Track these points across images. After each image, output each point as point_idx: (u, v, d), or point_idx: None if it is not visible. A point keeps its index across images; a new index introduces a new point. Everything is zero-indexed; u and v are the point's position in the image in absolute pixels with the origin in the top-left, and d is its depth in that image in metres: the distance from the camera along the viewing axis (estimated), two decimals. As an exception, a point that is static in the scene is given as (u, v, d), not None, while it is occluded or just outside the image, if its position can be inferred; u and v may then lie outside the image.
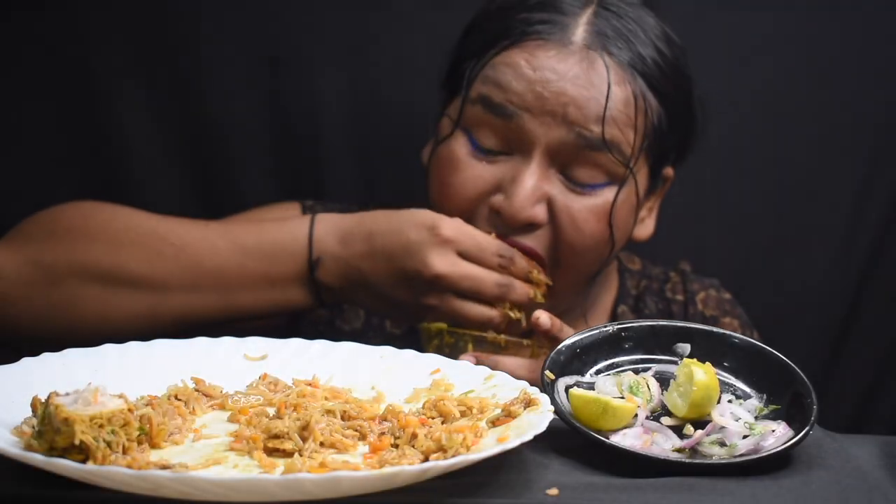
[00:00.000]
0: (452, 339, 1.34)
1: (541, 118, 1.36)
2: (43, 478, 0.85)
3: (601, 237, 1.40)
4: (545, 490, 0.90)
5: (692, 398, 1.03)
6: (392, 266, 1.31)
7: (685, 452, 1.00)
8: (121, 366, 1.09)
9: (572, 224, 1.38)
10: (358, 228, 1.33)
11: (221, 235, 1.36)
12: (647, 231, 1.53)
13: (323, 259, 1.33)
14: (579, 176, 1.38)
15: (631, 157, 1.39)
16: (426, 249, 1.29)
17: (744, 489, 0.92)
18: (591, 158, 1.37)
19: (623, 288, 1.60)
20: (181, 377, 1.08)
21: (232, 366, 1.13)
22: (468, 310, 1.32)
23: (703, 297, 1.62)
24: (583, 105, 1.36)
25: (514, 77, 1.38)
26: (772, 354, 1.09)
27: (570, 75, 1.37)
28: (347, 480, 0.83)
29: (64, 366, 1.05)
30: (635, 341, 1.13)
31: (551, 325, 1.23)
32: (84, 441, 0.87)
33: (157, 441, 0.95)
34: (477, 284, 1.31)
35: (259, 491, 0.82)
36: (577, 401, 1.02)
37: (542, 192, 1.38)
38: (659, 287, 1.62)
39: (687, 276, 1.64)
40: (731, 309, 1.62)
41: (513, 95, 1.38)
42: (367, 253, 1.32)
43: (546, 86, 1.37)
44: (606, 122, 1.36)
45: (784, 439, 0.99)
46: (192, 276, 1.34)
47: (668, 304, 1.61)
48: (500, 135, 1.39)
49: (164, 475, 0.80)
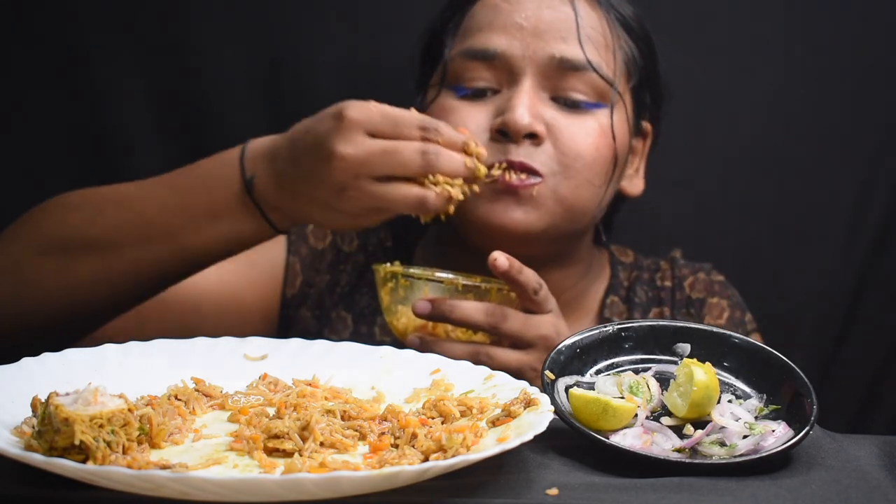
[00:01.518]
0: (407, 282, 1.28)
1: (523, 46, 1.42)
2: (43, 478, 0.85)
3: (602, 153, 1.43)
4: (545, 490, 0.90)
5: (692, 398, 1.03)
6: (308, 165, 1.23)
7: (685, 452, 1.00)
8: (121, 366, 1.09)
9: (572, 139, 1.41)
10: (283, 139, 1.28)
11: (158, 181, 1.33)
12: (637, 188, 1.57)
13: (256, 177, 1.27)
14: (569, 97, 1.42)
15: (614, 77, 1.44)
16: (331, 136, 1.21)
17: (744, 489, 0.92)
18: (578, 80, 1.42)
19: (615, 279, 1.61)
20: (181, 377, 1.08)
21: (232, 366, 1.13)
22: (389, 191, 1.21)
23: (692, 281, 1.63)
24: (560, 28, 1.43)
25: (492, 15, 1.45)
26: (772, 354, 1.09)
27: (545, 4, 1.44)
28: (347, 480, 0.83)
29: (64, 366, 1.05)
30: (635, 341, 1.13)
31: (509, 267, 1.23)
32: (84, 441, 0.87)
33: (158, 441, 0.95)
34: (391, 158, 1.20)
35: (259, 491, 0.82)
36: (577, 401, 1.02)
37: (538, 110, 1.40)
38: (650, 276, 1.63)
39: (676, 262, 1.65)
40: (720, 290, 1.62)
41: (493, 34, 1.43)
42: (290, 159, 1.25)
43: (523, 14, 1.43)
44: (584, 43, 1.42)
45: (784, 439, 0.99)
46: (136, 228, 1.30)
47: (658, 293, 1.62)
48: (487, 75, 1.43)
49: (164, 475, 0.80)
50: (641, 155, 1.57)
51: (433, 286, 1.28)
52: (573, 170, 1.41)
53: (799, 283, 1.83)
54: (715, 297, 1.62)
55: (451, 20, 1.50)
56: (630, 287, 1.61)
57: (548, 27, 1.42)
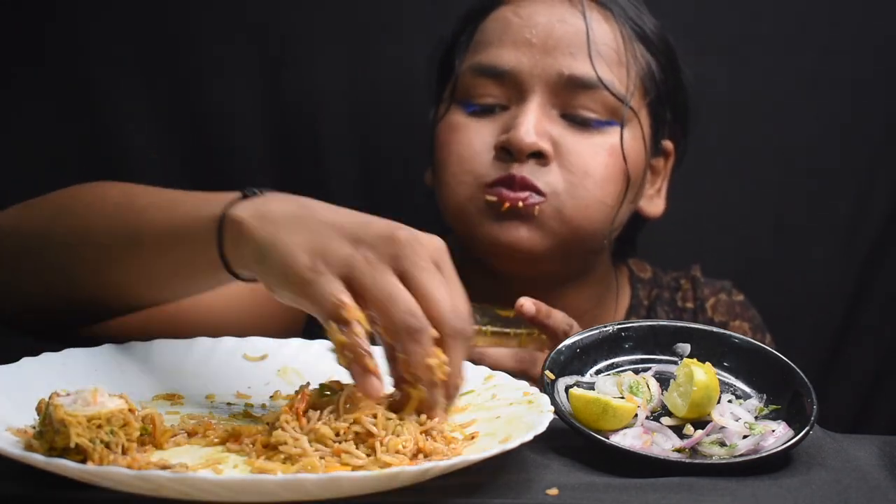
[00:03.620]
0: None
1: (531, 63, 1.39)
2: (43, 478, 0.85)
3: (612, 171, 1.39)
4: (545, 490, 0.90)
5: (692, 398, 1.03)
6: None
7: (685, 452, 1.00)
8: (121, 366, 1.09)
9: (580, 158, 1.38)
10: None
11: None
12: (657, 209, 1.53)
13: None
14: (579, 114, 1.39)
15: (627, 94, 1.41)
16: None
17: (744, 489, 0.92)
18: (588, 97, 1.39)
19: (635, 299, 1.59)
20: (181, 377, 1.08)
21: (232, 366, 1.13)
22: (324, 292, 0.96)
23: (713, 302, 1.61)
24: (570, 43, 1.39)
25: (502, 29, 1.42)
26: (772, 354, 1.09)
27: (556, 18, 1.41)
28: (347, 480, 0.83)
29: (64, 366, 1.05)
30: (635, 341, 1.13)
31: (537, 312, 1.21)
32: (80, 443, 0.86)
33: (161, 441, 0.95)
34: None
35: (259, 491, 0.82)
36: (577, 401, 1.02)
37: (545, 128, 1.38)
38: (671, 296, 1.61)
39: (697, 282, 1.62)
40: (741, 311, 1.61)
41: (503, 49, 1.41)
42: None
43: (533, 30, 1.40)
44: (595, 59, 1.39)
45: (784, 439, 0.99)
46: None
47: (680, 314, 1.59)
48: (496, 91, 1.41)
49: (164, 475, 0.80)
50: (664, 174, 1.53)
51: None
52: (581, 188, 1.38)
53: (799, 283, 1.83)
54: (737, 319, 1.60)
55: (462, 34, 1.48)
56: (650, 307, 1.59)
57: (557, 43, 1.39)
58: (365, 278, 0.96)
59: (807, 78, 1.81)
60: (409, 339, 0.94)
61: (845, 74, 1.81)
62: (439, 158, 1.43)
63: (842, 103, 1.81)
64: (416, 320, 0.94)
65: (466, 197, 1.40)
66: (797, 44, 1.81)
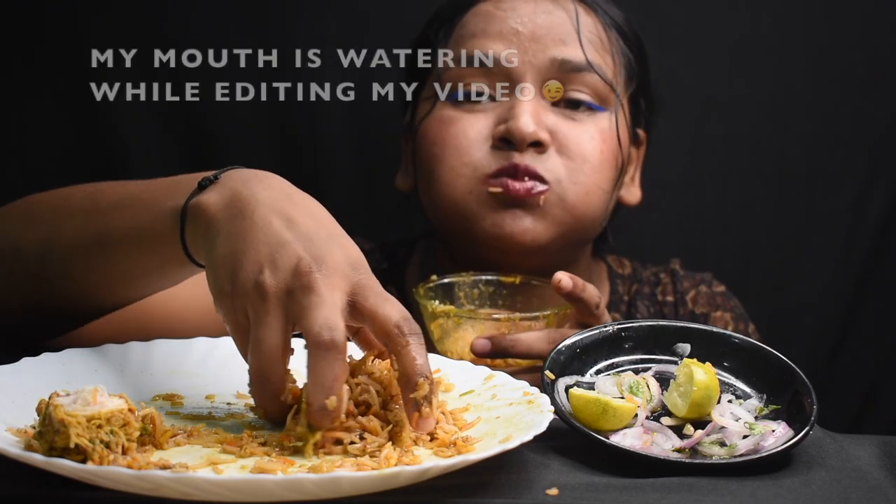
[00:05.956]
0: (460, 320, 1.24)
1: (521, 51, 1.41)
2: (43, 478, 0.85)
3: (607, 157, 1.41)
4: (545, 490, 0.90)
5: (692, 398, 1.03)
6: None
7: (685, 452, 1.00)
8: (121, 366, 1.09)
9: (577, 144, 1.40)
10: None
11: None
12: (634, 197, 1.54)
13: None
14: (571, 97, 1.41)
15: (614, 78, 1.43)
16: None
17: (744, 489, 0.92)
18: (579, 82, 1.41)
19: (614, 294, 1.59)
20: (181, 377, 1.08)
21: (232, 366, 1.13)
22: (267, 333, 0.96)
23: (693, 294, 1.61)
24: (558, 31, 1.41)
25: (486, 22, 1.43)
26: (772, 354, 1.09)
27: (541, 9, 1.42)
28: (347, 480, 0.83)
29: (64, 366, 1.05)
30: (635, 341, 1.13)
31: (573, 286, 1.19)
32: (80, 443, 0.86)
33: (162, 441, 0.95)
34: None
35: (259, 491, 0.82)
36: (577, 401, 1.02)
37: (541, 118, 1.39)
38: (650, 290, 1.61)
39: (677, 275, 1.62)
40: (723, 302, 1.61)
41: (488, 40, 1.41)
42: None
43: (520, 20, 1.42)
44: (584, 44, 1.41)
45: (784, 439, 0.99)
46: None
47: (661, 308, 1.60)
48: (484, 82, 1.42)
49: (164, 475, 0.80)
50: (637, 163, 1.55)
51: (488, 324, 1.23)
52: (580, 175, 1.39)
53: (799, 283, 1.83)
54: (718, 310, 1.60)
55: (440, 31, 1.48)
56: (630, 302, 1.59)
57: (545, 31, 1.41)
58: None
59: (806, 78, 1.81)
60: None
61: (845, 74, 1.81)
62: (432, 154, 1.43)
63: (842, 103, 1.81)
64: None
65: (466, 190, 1.40)
66: (797, 43, 1.81)
